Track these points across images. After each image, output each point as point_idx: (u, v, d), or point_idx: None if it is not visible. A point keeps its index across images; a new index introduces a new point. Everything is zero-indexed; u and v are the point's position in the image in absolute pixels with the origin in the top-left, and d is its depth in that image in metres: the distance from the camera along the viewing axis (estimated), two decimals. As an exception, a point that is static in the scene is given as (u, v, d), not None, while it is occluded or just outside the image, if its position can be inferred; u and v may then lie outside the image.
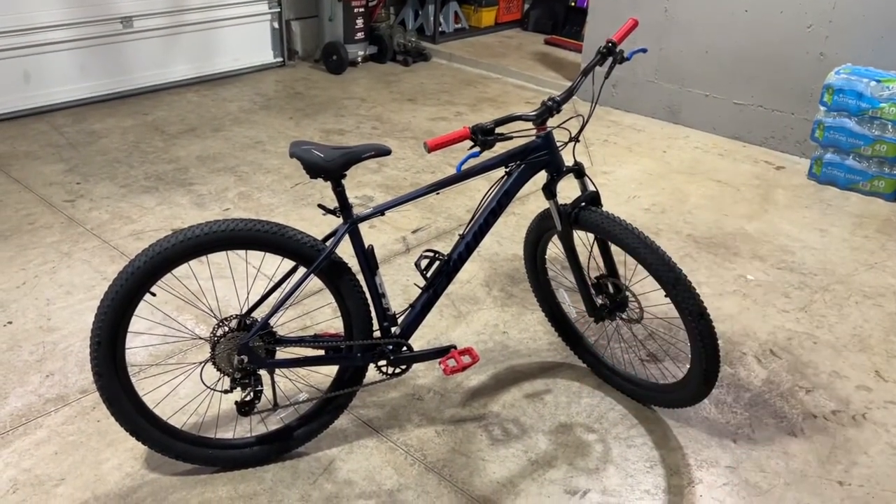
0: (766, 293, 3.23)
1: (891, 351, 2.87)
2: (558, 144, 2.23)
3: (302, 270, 2.05)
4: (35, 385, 2.51)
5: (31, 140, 4.55)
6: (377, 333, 2.20)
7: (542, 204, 2.38)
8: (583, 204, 2.26)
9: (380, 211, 2.09)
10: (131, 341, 2.07)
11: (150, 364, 2.62)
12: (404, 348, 2.24)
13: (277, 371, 2.21)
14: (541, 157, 2.21)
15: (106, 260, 3.28)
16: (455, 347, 2.30)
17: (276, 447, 2.23)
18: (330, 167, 1.95)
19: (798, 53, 4.62)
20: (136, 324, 2.03)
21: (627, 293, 2.38)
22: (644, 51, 2.39)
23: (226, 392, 2.11)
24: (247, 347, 2.00)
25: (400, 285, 3.19)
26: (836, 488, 2.22)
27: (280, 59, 6.30)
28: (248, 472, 2.20)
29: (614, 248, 2.31)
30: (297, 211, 3.81)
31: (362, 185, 4.14)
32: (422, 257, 2.20)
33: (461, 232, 2.25)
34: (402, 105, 5.51)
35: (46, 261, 3.26)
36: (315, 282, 2.11)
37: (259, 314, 2.08)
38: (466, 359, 2.28)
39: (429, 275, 2.21)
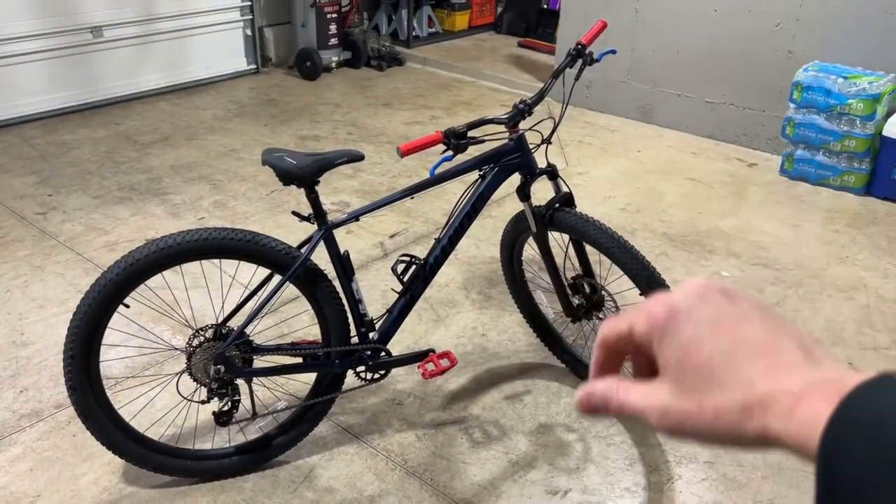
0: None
1: (864, 343, 2.92)
2: (531, 147, 2.24)
3: (277, 278, 2.04)
4: (9, 401, 2.48)
5: (1, 153, 4.49)
6: (355, 339, 2.20)
7: (518, 206, 2.39)
8: (557, 205, 2.27)
9: (354, 217, 2.09)
10: (106, 354, 2.05)
11: (126, 376, 2.60)
12: (382, 353, 2.24)
13: (255, 380, 2.19)
14: (514, 159, 2.22)
15: (80, 272, 3.24)
16: (433, 351, 2.30)
17: (256, 456, 2.22)
18: (303, 174, 1.95)
19: (767, 51, 4.68)
20: (110, 336, 2.01)
21: (603, 293, 2.40)
22: (614, 52, 2.42)
23: (203, 402, 2.09)
24: (223, 357, 1.99)
25: (378, 290, 3.18)
26: (813, 480, 2.25)
27: (254, 66, 6.27)
28: (228, 483, 2.18)
29: (589, 249, 2.33)
30: (274, 218, 3.80)
31: (338, 190, 4.13)
32: (398, 262, 2.20)
33: (437, 236, 2.25)
34: (378, 110, 5.50)
35: (18, 275, 3.21)
36: (291, 289, 2.11)
37: (235, 323, 2.07)
38: (445, 362, 2.28)
39: (405, 279, 2.21)
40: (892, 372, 0.37)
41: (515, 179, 2.31)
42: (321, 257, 2.07)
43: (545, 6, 7.42)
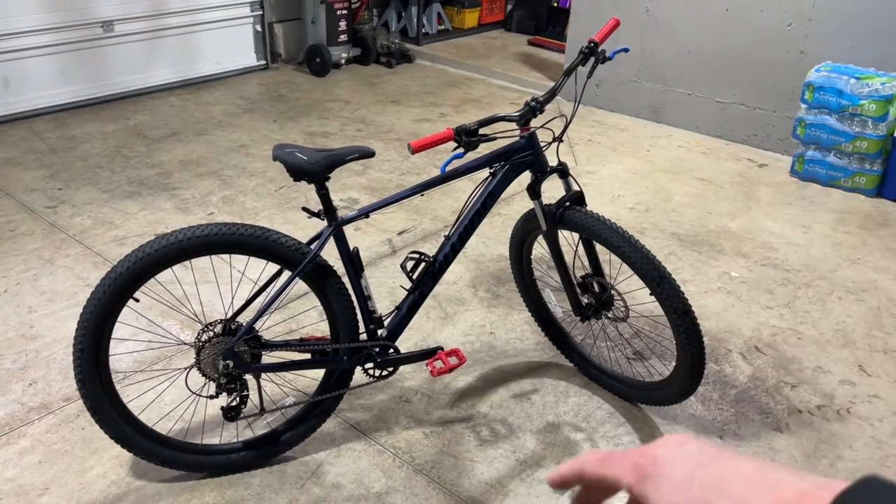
0: (750, 290, 3.25)
1: (874, 345, 2.90)
2: (542, 145, 2.24)
3: (287, 274, 2.04)
4: (18, 394, 2.48)
5: (12, 146, 4.51)
6: (363, 336, 2.20)
7: (527, 204, 2.38)
8: (567, 204, 2.27)
9: (364, 213, 2.08)
10: (115, 348, 2.05)
11: (135, 370, 2.60)
12: (391, 350, 2.24)
13: (263, 375, 2.19)
14: (525, 157, 2.21)
15: (89, 266, 3.25)
16: (442, 349, 2.30)
17: (263, 452, 2.22)
18: (313, 170, 1.95)
19: (779, 52, 4.66)
20: (119, 330, 2.02)
21: (613, 292, 2.39)
22: (626, 50, 2.40)
23: (211, 397, 2.09)
24: (232, 352, 1.99)
25: (386, 287, 3.18)
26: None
27: (263, 62, 6.27)
28: (236, 478, 2.18)
29: (599, 248, 2.32)
30: (282, 214, 3.80)
31: (347, 187, 4.13)
32: (407, 259, 2.19)
33: (446, 233, 2.24)
34: (387, 107, 5.50)
35: (28, 268, 3.22)
36: (300, 285, 2.11)
37: (244, 318, 2.07)
38: (453, 360, 2.28)
39: (414, 276, 2.21)
40: (871, 477, 0.41)
41: (525, 178, 2.30)
42: (330, 253, 2.07)
43: (555, 4, 7.40)
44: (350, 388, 2.26)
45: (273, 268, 2.09)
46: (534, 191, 2.29)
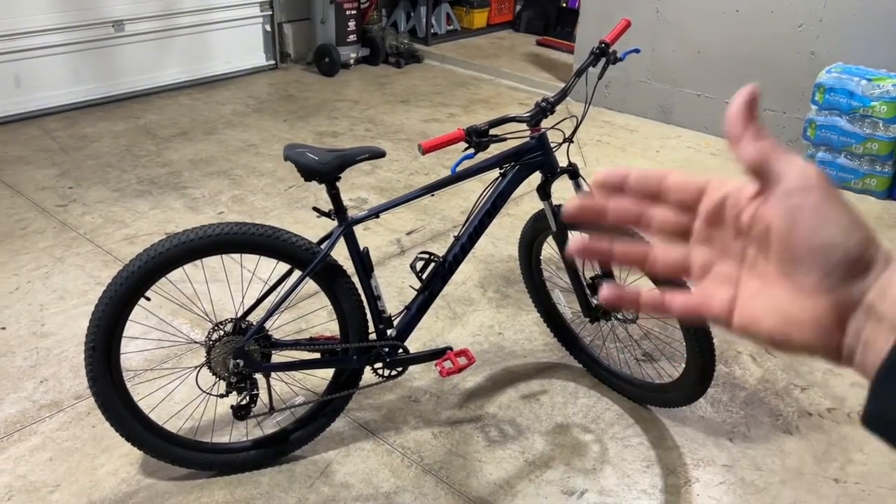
0: (760, 292, 3.24)
1: (884, 348, 2.88)
2: (552, 145, 2.23)
3: (297, 274, 2.05)
4: (29, 391, 2.50)
5: (23, 145, 4.53)
6: (373, 336, 2.20)
7: (536, 205, 2.38)
8: (577, 204, 2.26)
9: (374, 213, 2.09)
10: (126, 346, 2.06)
11: (146, 369, 2.61)
12: (400, 350, 2.24)
13: (273, 374, 2.20)
14: (535, 158, 2.21)
15: (99, 265, 3.27)
16: (451, 349, 2.30)
17: (273, 451, 2.23)
18: (324, 170, 1.95)
19: (789, 52, 4.63)
20: (130, 328, 2.02)
21: (622, 293, 2.38)
22: (637, 51, 2.40)
23: (221, 396, 2.10)
24: (242, 351, 2.00)
25: (395, 287, 3.19)
26: (832, 486, 2.23)
27: (272, 62, 6.29)
28: (245, 477, 2.19)
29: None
30: (292, 214, 3.81)
31: (356, 187, 4.13)
32: (417, 259, 2.20)
33: (456, 233, 2.25)
34: (395, 107, 5.50)
35: (39, 266, 3.24)
36: (310, 285, 2.11)
37: (254, 318, 2.08)
38: (462, 360, 2.28)
39: (424, 276, 2.21)
40: None
41: (535, 178, 2.30)
42: (339, 253, 2.07)
43: (564, 4, 7.39)
44: (359, 388, 2.27)
45: (283, 267, 2.10)
46: (544, 191, 2.29)
